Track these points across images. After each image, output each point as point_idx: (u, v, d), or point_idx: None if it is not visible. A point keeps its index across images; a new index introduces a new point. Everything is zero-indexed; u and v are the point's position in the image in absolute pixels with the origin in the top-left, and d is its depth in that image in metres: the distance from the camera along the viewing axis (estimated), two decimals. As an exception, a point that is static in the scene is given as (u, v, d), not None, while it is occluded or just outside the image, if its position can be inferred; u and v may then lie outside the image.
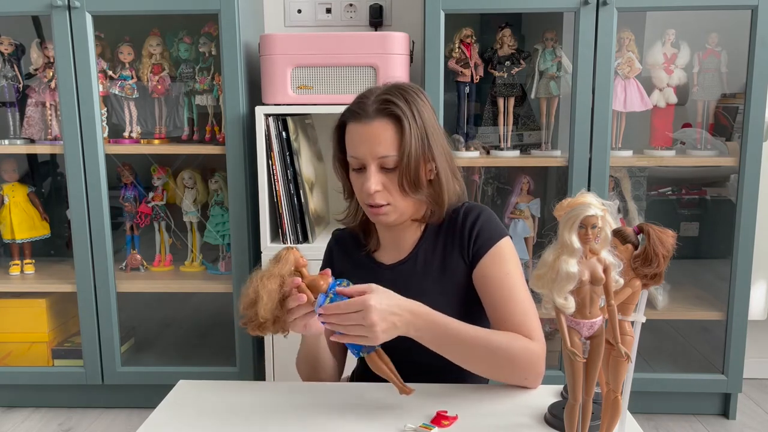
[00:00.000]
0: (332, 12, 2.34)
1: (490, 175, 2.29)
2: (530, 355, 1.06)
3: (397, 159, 1.08)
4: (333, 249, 1.29)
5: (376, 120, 1.09)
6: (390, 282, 1.17)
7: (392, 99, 1.09)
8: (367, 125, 1.09)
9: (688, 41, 2.08)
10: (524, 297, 1.11)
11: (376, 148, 1.08)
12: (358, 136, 1.10)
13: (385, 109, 1.09)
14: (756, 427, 2.11)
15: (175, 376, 1.24)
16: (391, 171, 1.10)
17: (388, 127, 1.08)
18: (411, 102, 1.10)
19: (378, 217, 1.14)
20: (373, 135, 1.08)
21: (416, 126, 1.09)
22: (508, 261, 1.13)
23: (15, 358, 2.27)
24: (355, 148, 1.11)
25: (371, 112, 1.09)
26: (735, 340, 2.07)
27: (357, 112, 1.10)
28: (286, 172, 1.96)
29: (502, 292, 1.11)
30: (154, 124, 2.27)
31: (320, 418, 0.99)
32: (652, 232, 0.76)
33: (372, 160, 1.09)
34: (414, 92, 1.12)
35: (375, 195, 1.10)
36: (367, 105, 1.10)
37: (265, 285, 0.97)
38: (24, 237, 2.29)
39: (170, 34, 2.18)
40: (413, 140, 1.08)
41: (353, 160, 1.12)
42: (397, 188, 1.10)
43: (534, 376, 1.07)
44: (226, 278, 2.20)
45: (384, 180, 1.10)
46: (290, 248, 1.02)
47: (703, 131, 2.16)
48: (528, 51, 2.13)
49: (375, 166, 1.09)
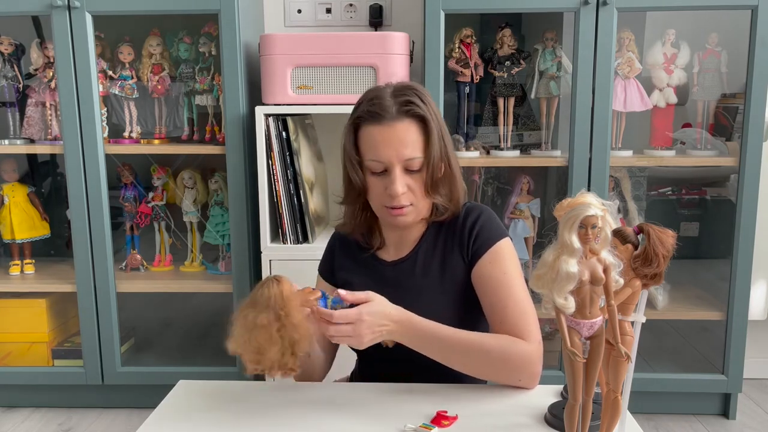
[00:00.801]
0: (332, 12, 2.34)
1: (490, 175, 2.29)
2: (523, 357, 1.05)
3: (422, 161, 1.08)
4: (335, 246, 1.28)
5: (399, 121, 1.07)
6: (390, 279, 1.18)
7: (412, 99, 1.08)
8: (390, 127, 1.07)
9: (688, 41, 2.08)
10: (522, 297, 1.10)
11: (403, 150, 1.07)
12: (381, 139, 1.07)
13: (409, 110, 1.07)
14: (756, 427, 2.11)
15: (175, 376, 1.24)
16: (415, 172, 1.09)
17: (412, 127, 1.08)
18: (427, 103, 1.10)
19: (398, 218, 1.13)
20: (398, 137, 1.07)
21: (437, 127, 1.10)
22: (506, 261, 1.13)
23: (15, 358, 2.27)
24: (377, 151, 1.08)
25: (393, 112, 1.07)
26: (735, 340, 2.07)
27: (377, 113, 1.07)
28: (286, 172, 1.96)
29: (499, 291, 1.11)
30: (154, 124, 2.27)
31: (320, 418, 0.99)
32: (652, 232, 0.76)
33: (398, 162, 1.08)
34: (425, 92, 1.12)
35: (401, 197, 1.09)
36: (386, 106, 1.07)
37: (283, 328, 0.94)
38: (24, 237, 2.29)
39: (170, 34, 2.18)
40: (437, 140, 1.08)
41: (374, 164, 1.09)
42: (420, 189, 1.10)
43: (528, 377, 1.07)
44: (226, 278, 2.20)
45: (409, 181, 1.10)
46: (277, 281, 0.97)
47: (703, 131, 2.16)
48: (528, 51, 2.13)
49: (400, 169, 1.08)
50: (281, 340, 0.93)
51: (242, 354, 0.96)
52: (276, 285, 0.96)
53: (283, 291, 0.95)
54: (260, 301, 0.95)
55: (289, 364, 0.95)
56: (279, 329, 0.93)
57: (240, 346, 0.95)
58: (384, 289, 1.18)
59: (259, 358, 0.94)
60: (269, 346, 0.93)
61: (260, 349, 0.93)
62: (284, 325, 0.93)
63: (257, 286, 0.97)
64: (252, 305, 0.96)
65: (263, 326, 0.93)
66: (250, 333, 0.94)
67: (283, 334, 0.93)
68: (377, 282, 1.20)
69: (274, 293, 0.95)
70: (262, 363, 0.95)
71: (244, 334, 0.95)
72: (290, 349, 0.94)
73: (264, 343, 0.93)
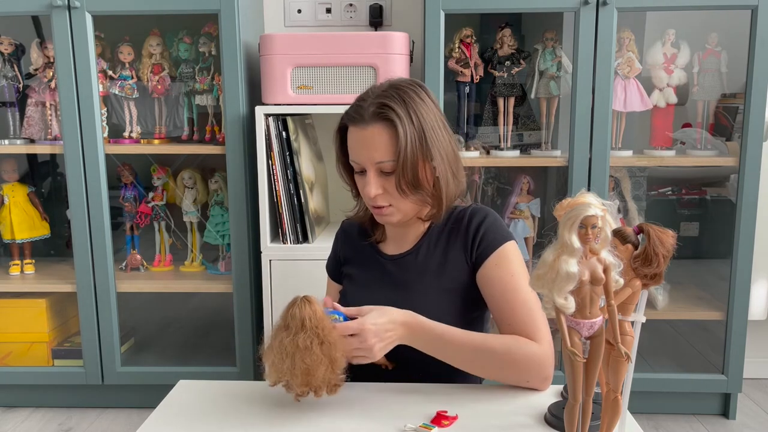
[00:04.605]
0: (332, 12, 2.34)
1: (490, 175, 2.29)
2: (531, 357, 1.06)
3: (393, 164, 1.08)
4: (340, 236, 1.32)
5: (372, 125, 1.08)
6: (390, 273, 1.18)
7: (388, 103, 1.07)
8: (363, 130, 1.09)
9: (688, 41, 2.08)
10: (529, 298, 1.10)
11: (373, 153, 1.08)
12: (356, 142, 1.11)
13: (381, 113, 1.08)
14: (756, 427, 2.11)
15: (175, 376, 1.24)
16: (390, 174, 1.10)
17: (383, 131, 1.08)
18: (408, 102, 1.08)
19: (382, 217, 1.15)
20: (370, 140, 1.08)
21: (412, 128, 1.07)
22: (513, 263, 1.13)
23: (15, 358, 2.27)
24: (354, 153, 1.12)
25: (367, 116, 1.08)
26: (735, 340, 2.07)
27: (354, 116, 1.10)
28: (286, 172, 1.96)
29: (506, 293, 1.11)
30: (154, 124, 2.27)
31: (320, 418, 0.99)
32: (652, 232, 0.76)
33: (370, 165, 1.10)
34: (413, 91, 1.10)
35: (376, 198, 1.11)
36: (363, 109, 1.09)
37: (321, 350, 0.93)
38: (24, 237, 2.29)
39: (170, 34, 2.18)
40: (408, 144, 1.07)
41: (354, 164, 1.13)
42: (396, 191, 1.10)
43: (537, 378, 1.07)
44: (226, 278, 2.20)
45: (384, 183, 1.11)
46: (308, 301, 0.96)
47: (703, 131, 2.16)
48: (528, 51, 2.13)
49: (374, 171, 1.10)
50: (326, 358, 0.93)
51: (289, 380, 0.95)
52: (308, 305, 0.95)
53: (316, 311, 0.95)
54: (294, 323, 0.94)
55: (334, 380, 0.95)
56: (320, 348, 0.92)
57: (285, 374, 0.94)
58: (383, 282, 1.19)
59: (309, 380, 0.93)
60: (317, 366, 0.92)
61: (309, 371, 0.92)
62: (324, 343, 0.93)
63: (287, 309, 0.96)
64: (285, 328, 0.95)
65: (306, 348, 0.92)
66: (293, 357, 0.92)
67: (326, 352, 0.93)
68: (377, 275, 1.21)
69: (308, 314, 0.94)
70: (312, 384, 0.94)
71: (286, 360, 0.93)
72: (333, 366, 0.94)
73: (311, 364, 0.92)
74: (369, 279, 1.22)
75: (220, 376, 2.14)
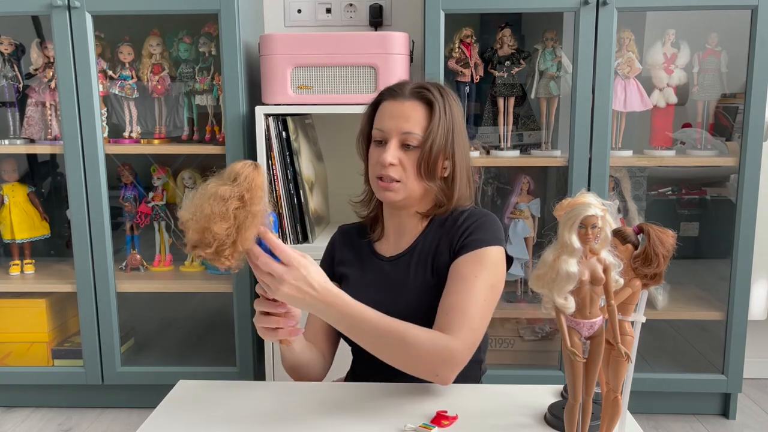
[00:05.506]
0: (332, 12, 2.34)
1: (490, 175, 2.29)
2: (441, 352, 1.01)
3: (420, 139, 1.13)
4: (336, 240, 1.32)
5: (410, 100, 1.15)
6: (387, 274, 1.19)
7: (429, 88, 1.16)
8: (400, 103, 1.15)
9: (688, 41, 2.08)
10: (475, 302, 1.06)
11: (403, 124, 1.14)
12: (389, 111, 1.16)
13: (420, 93, 1.15)
14: (756, 427, 2.11)
15: (175, 376, 1.24)
16: (411, 150, 1.14)
17: (419, 108, 1.15)
18: (446, 97, 1.17)
19: (386, 192, 1.16)
20: (404, 112, 1.14)
21: (445, 118, 1.15)
22: (485, 268, 1.10)
23: (15, 358, 2.27)
24: (383, 121, 1.16)
25: (407, 92, 1.16)
26: (735, 340, 2.07)
27: (394, 90, 1.17)
28: (286, 172, 1.97)
29: (459, 287, 1.08)
30: (154, 124, 2.27)
31: (320, 418, 0.99)
32: (652, 232, 0.76)
33: (396, 134, 1.14)
34: (449, 91, 1.19)
35: (389, 168, 1.13)
36: (404, 87, 1.17)
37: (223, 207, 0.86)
38: (24, 237, 2.29)
39: (170, 34, 2.18)
40: (440, 129, 1.14)
41: (377, 132, 1.17)
42: (413, 168, 1.14)
43: (444, 373, 1.02)
44: (226, 278, 2.20)
45: (402, 156, 1.14)
46: (255, 166, 0.89)
47: (703, 131, 2.16)
48: (528, 51, 2.13)
49: (396, 141, 1.14)
50: (233, 219, 0.86)
51: (188, 223, 0.87)
52: (253, 169, 0.89)
53: (256, 177, 0.88)
54: (229, 174, 0.88)
55: (227, 252, 0.87)
56: (236, 208, 0.86)
57: (191, 214, 0.87)
58: (380, 283, 1.19)
59: (204, 229, 0.86)
60: (219, 220, 0.85)
61: (209, 220, 0.85)
62: (243, 207, 0.86)
63: (232, 164, 0.90)
64: (219, 177, 0.89)
65: (222, 198, 0.86)
66: (207, 201, 0.86)
67: (238, 215, 0.86)
68: (374, 277, 1.21)
69: (247, 174, 0.88)
70: (205, 237, 0.86)
71: (200, 201, 0.87)
72: (236, 235, 0.86)
73: (216, 214, 0.85)
74: (366, 280, 1.22)
75: (220, 376, 2.14)
